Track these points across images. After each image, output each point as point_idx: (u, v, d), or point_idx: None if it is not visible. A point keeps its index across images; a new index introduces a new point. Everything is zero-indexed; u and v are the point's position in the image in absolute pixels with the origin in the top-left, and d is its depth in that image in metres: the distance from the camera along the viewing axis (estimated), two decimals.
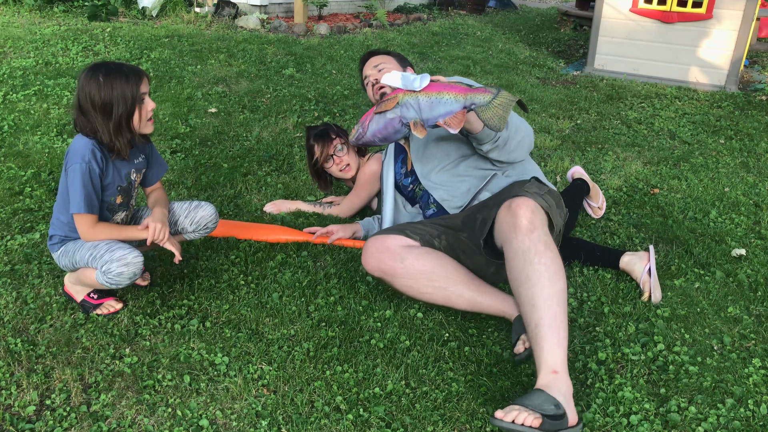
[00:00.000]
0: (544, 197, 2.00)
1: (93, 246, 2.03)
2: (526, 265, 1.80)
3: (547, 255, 1.80)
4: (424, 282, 2.09)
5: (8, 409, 1.74)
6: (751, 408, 1.81)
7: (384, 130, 1.93)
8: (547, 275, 1.77)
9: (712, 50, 5.66)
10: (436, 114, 1.84)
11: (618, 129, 4.48)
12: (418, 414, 1.76)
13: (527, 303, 1.77)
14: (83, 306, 2.16)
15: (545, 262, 1.79)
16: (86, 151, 1.97)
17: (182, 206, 2.28)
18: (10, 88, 4.42)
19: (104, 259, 1.98)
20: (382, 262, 2.12)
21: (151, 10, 7.13)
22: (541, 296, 1.75)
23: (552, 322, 1.72)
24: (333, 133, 2.81)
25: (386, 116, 1.90)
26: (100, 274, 1.99)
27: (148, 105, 2.03)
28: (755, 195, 3.34)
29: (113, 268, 1.97)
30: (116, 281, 1.99)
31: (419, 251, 2.13)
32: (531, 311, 1.76)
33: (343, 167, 2.81)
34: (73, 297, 2.18)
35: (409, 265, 2.09)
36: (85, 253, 2.03)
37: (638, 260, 2.42)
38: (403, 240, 2.17)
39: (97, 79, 1.94)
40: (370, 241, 2.19)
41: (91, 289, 2.16)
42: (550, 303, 1.74)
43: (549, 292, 1.75)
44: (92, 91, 1.94)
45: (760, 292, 2.41)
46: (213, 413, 1.75)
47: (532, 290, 1.77)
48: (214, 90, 4.74)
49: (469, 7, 10.67)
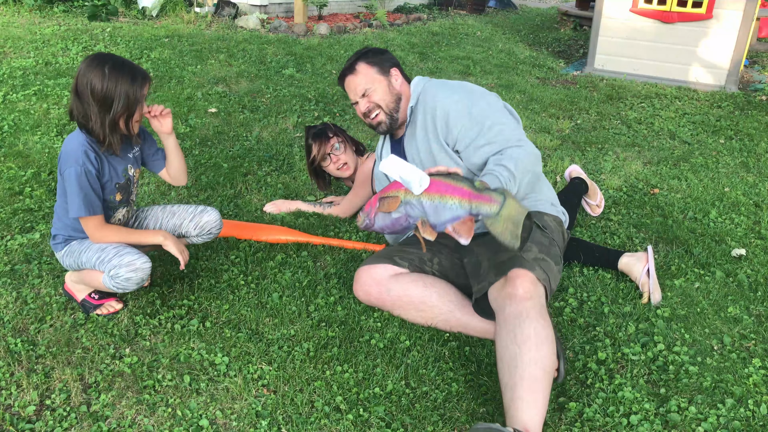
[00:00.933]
0: (543, 265, 1.91)
1: (101, 249, 2.02)
2: (515, 327, 1.72)
3: (539, 321, 1.72)
4: (412, 312, 2.11)
5: (8, 409, 1.74)
6: (751, 408, 1.81)
7: (392, 227, 1.84)
8: (535, 340, 1.68)
9: (712, 50, 5.66)
10: (442, 220, 1.73)
11: (618, 129, 4.48)
12: (418, 414, 1.76)
13: (511, 362, 1.67)
14: (84, 306, 2.16)
15: (535, 327, 1.70)
16: (79, 153, 1.95)
17: (187, 210, 2.27)
18: (10, 88, 4.42)
19: (112, 264, 1.97)
20: (370, 295, 2.17)
21: (151, 10, 7.13)
22: (525, 358, 1.65)
23: (531, 384, 1.62)
24: (331, 132, 2.81)
25: (392, 216, 1.80)
26: (107, 278, 1.99)
27: (144, 108, 2.04)
28: (755, 195, 3.34)
29: (122, 273, 1.96)
30: (123, 286, 1.99)
31: (406, 280, 2.12)
32: (512, 372, 1.66)
33: (341, 166, 2.81)
34: (74, 296, 2.17)
35: (395, 297, 2.11)
36: (93, 255, 2.02)
37: (637, 261, 2.41)
38: (390, 269, 2.16)
39: (101, 70, 1.91)
40: (360, 271, 2.20)
41: (93, 289, 2.16)
42: (533, 367, 1.64)
43: (534, 355, 1.66)
44: (94, 80, 1.91)
45: (760, 292, 2.41)
46: (213, 413, 1.75)
47: (516, 350, 1.68)
48: (214, 90, 4.74)
49: (469, 7, 10.67)
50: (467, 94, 2.10)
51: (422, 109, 2.15)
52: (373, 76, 2.19)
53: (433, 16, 9.52)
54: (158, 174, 2.28)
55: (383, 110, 2.19)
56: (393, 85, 2.21)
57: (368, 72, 2.20)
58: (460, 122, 2.05)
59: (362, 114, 2.23)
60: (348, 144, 2.84)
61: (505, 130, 2.02)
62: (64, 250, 2.12)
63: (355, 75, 2.21)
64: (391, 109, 2.20)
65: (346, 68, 2.23)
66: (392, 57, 2.27)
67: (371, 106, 2.19)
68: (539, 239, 2.01)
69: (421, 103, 2.16)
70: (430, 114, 2.11)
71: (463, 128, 2.05)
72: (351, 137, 2.90)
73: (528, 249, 1.94)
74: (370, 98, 2.19)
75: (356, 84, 2.20)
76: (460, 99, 2.08)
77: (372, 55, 2.23)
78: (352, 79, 2.21)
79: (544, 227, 2.09)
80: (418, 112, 2.16)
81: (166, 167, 2.26)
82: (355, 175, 2.84)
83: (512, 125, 2.06)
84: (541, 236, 2.03)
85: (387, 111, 2.20)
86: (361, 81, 2.19)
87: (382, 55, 2.24)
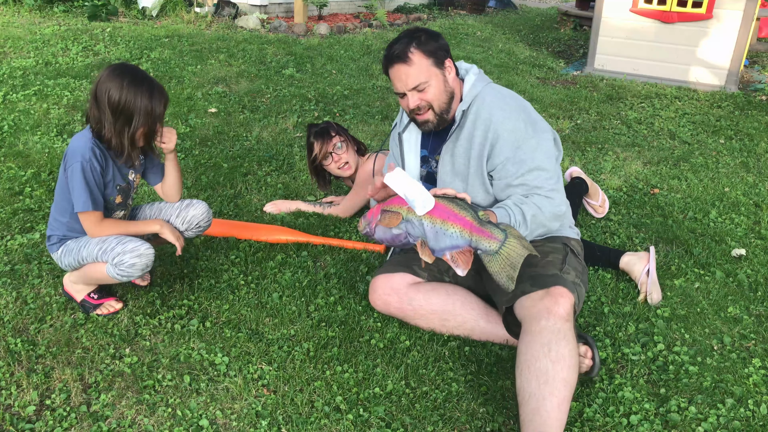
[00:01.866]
0: (578, 290, 1.87)
1: (101, 240, 2.03)
2: (551, 342, 1.66)
3: (574, 345, 1.69)
4: (436, 321, 2.06)
5: (8, 409, 1.74)
6: (751, 408, 1.81)
7: (391, 242, 1.82)
8: (569, 362, 1.65)
9: (712, 50, 5.65)
10: (441, 246, 1.71)
11: (618, 129, 4.48)
12: (418, 414, 1.76)
13: (541, 376, 1.63)
14: (83, 306, 2.16)
15: (570, 350, 1.67)
16: (86, 149, 1.97)
17: (173, 206, 2.27)
18: (10, 88, 4.42)
19: (116, 251, 1.98)
20: (390, 305, 2.10)
21: (151, 10, 7.13)
22: (558, 377, 1.62)
23: (561, 404, 1.60)
24: (333, 131, 2.81)
25: (392, 231, 1.78)
26: (111, 267, 1.99)
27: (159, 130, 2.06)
28: (755, 195, 3.34)
29: (126, 259, 1.97)
30: (128, 273, 1.99)
31: (427, 288, 2.07)
32: (541, 385, 1.62)
33: (342, 165, 2.80)
34: (73, 297, 2.17)
35: (418, 306, 2.05)
36: (94, 248, 2.03)
37: (638, 260, 2.41)
38: (408, 278, 2.10)
39: (120, 81, 1.93)
40: (377, 280, 2.13)
41: (92, 289, 2.16)
42: (563, 387, 1.62)
43: (567, 376, 1.63)
44: (112, 89, 1.93)
45: (760, 292, 2.41)
46: (213, 413, 1.75)
47: (549, 365, 1.64)
48: (214, 90, 4.74)
49: (469, 7, 10.66)
50: (522, 124, 1.96)
51: (474, 119, 1.98)
52: (428, 69, 1.93)
53: (433, 16, 9.52)
54: (153, 186, 2.28)
55: (434, 110, 1.99)
56: (447, 80, 1.98)
57: (423, 63, 1.93)
58: (504, 154, 1.94)
59: (409, 108, 2.01)
60: (350, 143, 2.84)
61: (542, 176, 1.94)
62: (61, 249, 2.12)
63: (408, 65, 1.92)
64: (443, 110, 2.00)
65: (396, 53, 1.93)
66: (445, 44, 1.99)
67: (422, 103, 1.97)
68: (575, 265, 1.97)
69: (474, 111, 1.99)
70: (482, 129, 1.96)
71: (505, 160, 1.94)
72: (353, 137, 2.90)
73: (567, 272, 1.90)
74: (424, 95, 1.96)
75: (408, 75, 1.92)
76: (514, 129, 1.95)
77: (426, 41, 1.93)
78: (403, 69, 1.92)
79: (577, 253, 2.05)
80: (469, 120, 1.99)
81: (162, 182, 2.26)
82: (356, 176, 2.84)
83: (551, 171, 1.96)
84: (576, 262, 1.99)
85: (437, 111, 1.99)
86: (414, 72, 1.92)
87: (436, 42, 1.95)
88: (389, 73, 1.99)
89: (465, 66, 2.11)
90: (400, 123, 2.22)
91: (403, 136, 2.17)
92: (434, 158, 2.13)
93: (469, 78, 2.05)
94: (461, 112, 2.00)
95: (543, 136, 1.99)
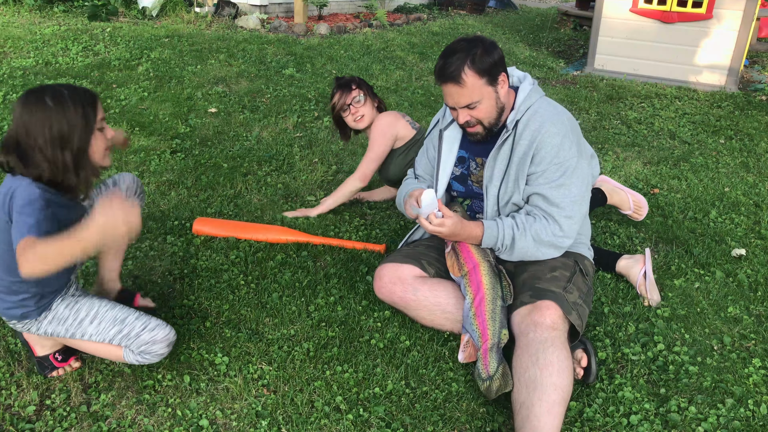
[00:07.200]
0: (580, 310, 1.89)
1: (118, 320, 1.77)
2: (538, 351, 1.71)
3: (562, 351, 1.72)
4: (438, 314, 2.07)
5: (8, 409, 1.74)
6: (751, 408, 1.81)
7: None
8: (557, 366, 1.68)
9: (712, 50, 5.66)
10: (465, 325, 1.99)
11: (618, 129, 4.48)
12: (418, 414, 1.76)
13: (530, 384, 1.67)
14: (41, 364, 1.86)
15: (558, 356, 1.70)
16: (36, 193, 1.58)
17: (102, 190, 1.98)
18: (10, 88, 4.42)
19: (142, 339, 1.75)
20: (394, 294, 2.10)
21: (151, 10, 7.13)
22: (547, 382, 1.65)
23: (551, 407, 1.62)
24: (355, 84, 2.85)
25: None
26: (130, 354, 1.78)
27: (107, 132, 1.70)
28: (755, 195, 3.34)
29: (156, 349, 1.77)
30: (150, 360, 1.80)
31: (433, 281, 2.09)
32: (530, 392, 1.66)
33: (358, 117, 2.85)
34: (32, 348, 1.87)
35: (422, 297, 2.06)
36: (109, 327, 1.76)
37: (635, 263, 2.41)
38: (416, 271, 2.12)
39: (44, 104, 1.58)
40: (383, 269, 2.14)
41: (57, 349, 1.88)
42: (553, 391, 1.64)
43: (556, 381, 1.66)
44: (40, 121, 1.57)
45: (760, 292, 2.41)
46: (213, 413, 1.75)
47: (537, 373, 1.68)
48: (214, 90, 4.74)
49: (469, 7, 10.66)
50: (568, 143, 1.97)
51: (522, 129, 1.98)
52: (481, 89, 1.91)
53: (433, 16, 9.52)
54: None
55: (483, 124, 1.99)
56: (500, 96, 1.97)
57: (477, 84, 1.90)
58: (543, 165, 1.96)
59: (459, 122, 2.02)
60: (370, 98, 2.88)
61: (568, 197, 1.95)
62: (45, 316, 1.76)
63: (460, 86, 1.90)
64: (492, 124, 2.00)
65: (449, 72, 1.89)
66: (501, 57, 1.95)
67: (472, 120, 1.98)
68: (581, 285, 1.98)
69: (528, 123, 1.98)
70: (529, 137, 1.97)
71: (541, 171, 1.96)
72: (375, 94, 2.93)
73: (570, 291, 1.91)
74: (475, 113, 1.96)
75: (460, 95, 1.92)
76: (561, 145, 1.96)
77: (482, 58, 1.89)
78: (455, 90, 1.91)
79: (586, 273, 2.06)
80: (523, 131, 1.98)
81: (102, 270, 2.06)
82: (369, 132, 2.87)
83: (578, 196, 1.97)
84: (582, 282, 2.00)
85: (487, 125, 2.00)
86: (465, 93, 1.91)
87: (492, 58, 1.91)
88: (440, 85, 1.97)
89: (518, 74, 2.10)
90: (443, 119, 2.19)
91: (445, 134, 2.15)
92: (474, 160, 2.13)
93: (523, 88, 2.05)
94: (514, 122, 2.00)
95: (583, 162, 2.01)
